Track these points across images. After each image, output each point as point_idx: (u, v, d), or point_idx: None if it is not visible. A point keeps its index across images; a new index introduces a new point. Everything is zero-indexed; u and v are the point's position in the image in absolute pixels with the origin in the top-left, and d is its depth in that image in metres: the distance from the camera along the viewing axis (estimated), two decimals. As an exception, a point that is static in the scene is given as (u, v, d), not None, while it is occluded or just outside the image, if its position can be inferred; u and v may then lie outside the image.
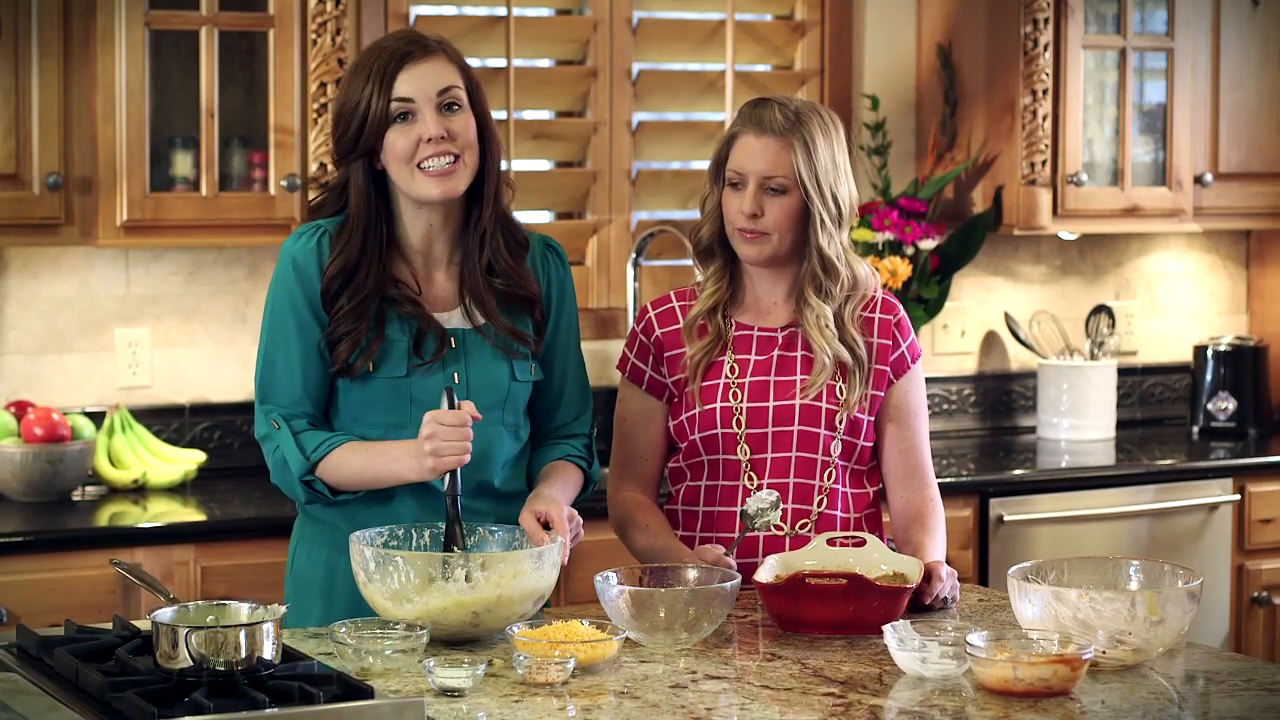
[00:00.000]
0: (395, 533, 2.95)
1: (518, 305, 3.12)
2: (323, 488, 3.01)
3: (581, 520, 3.01)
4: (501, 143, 3.11)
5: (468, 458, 2.90)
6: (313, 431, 3.02)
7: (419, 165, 3.00)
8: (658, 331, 3.30)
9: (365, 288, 3.02)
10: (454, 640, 2.81)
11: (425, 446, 2.89)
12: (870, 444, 3.26)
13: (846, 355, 3.22)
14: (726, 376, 3.25)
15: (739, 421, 3.22)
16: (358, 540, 2.87)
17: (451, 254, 3.11)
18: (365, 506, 3.06)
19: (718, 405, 3.23)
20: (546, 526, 2.94)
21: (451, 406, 2.91)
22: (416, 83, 3.00)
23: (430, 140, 2.99)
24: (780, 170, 3.18)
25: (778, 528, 3.19)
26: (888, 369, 3.26)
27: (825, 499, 3.22)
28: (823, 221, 3.19)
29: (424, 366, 3.03)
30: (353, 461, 2.99)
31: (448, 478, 2.92)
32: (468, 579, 2.77)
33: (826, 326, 3.21)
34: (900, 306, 3.31)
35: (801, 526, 3.20)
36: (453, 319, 3.08)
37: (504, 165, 3.15)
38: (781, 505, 3.16)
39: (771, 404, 3.22)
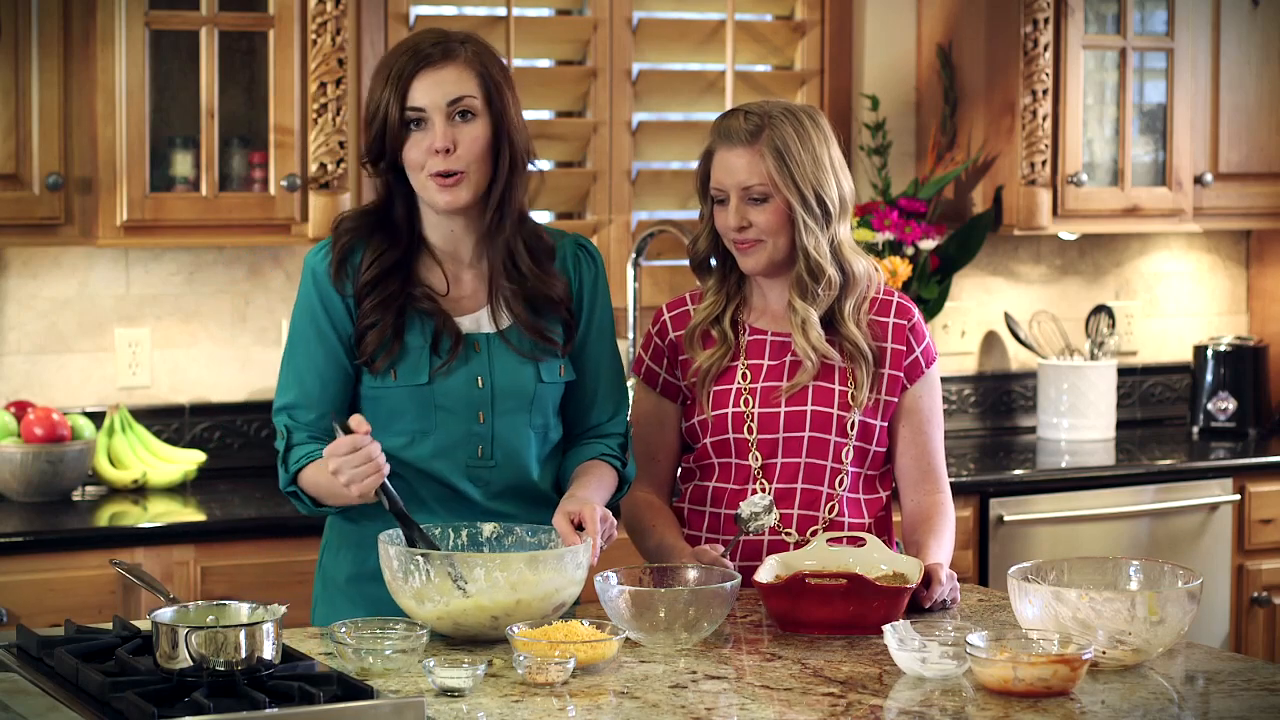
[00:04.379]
0: (432, 530, 2.94)
1: (545, 306, 3.09)
2: (307, 499, 3.00)
3: (615, 521, 2.98)
4: (523, 146, 3.05)
5: (384, 471, 2.85)
6: (301, 445, 3.01)
7: (430, 174, 2.99)
8: (671, 335, 3.28)
9: (393, 283, 3.01)
10: (476, 641, 2.81)
11: (340, 480, 2.86)
12: (883, 449, 3.25)
13: (835, 355, 3.19)
14: (739, 382, 3.23)
15: (750, 428, 3.21)
16: (385, 540, 2.86)
17: (478, 257, 3.09)
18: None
19: (729, 411, 3.21)
20: (580, 527, 2.93)
21: (346, 433, 2.86)
22: (428, 92, 2.97)
23: (437, 152, 2.98)
24: (755, 178, 3.15)
25: (773, 530, 3.18)
26: (901, 374, 3.23)
27: (836, 506, 3.20)
28: (806, 224, 3.15)
29: (445, 368, 3.01)
30: (318, 481, 2.97)
31: (384, 498, 2.89)
32: (487, 582, 2.77)
33: (811, 329, 3.18)
34: (915, 310, 3.27)
35: (812, 534, 3.18)
36: (479, 321, 3.07)
37: (533, 166, 3.08)
38: (776, 509, 3.15)
39: (783, 410, 3.20)
